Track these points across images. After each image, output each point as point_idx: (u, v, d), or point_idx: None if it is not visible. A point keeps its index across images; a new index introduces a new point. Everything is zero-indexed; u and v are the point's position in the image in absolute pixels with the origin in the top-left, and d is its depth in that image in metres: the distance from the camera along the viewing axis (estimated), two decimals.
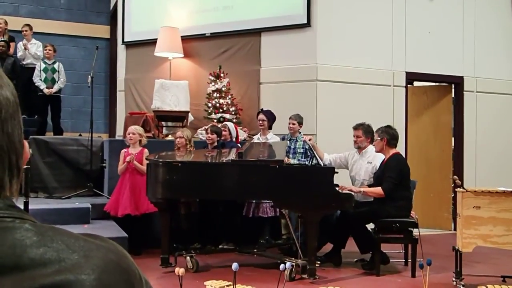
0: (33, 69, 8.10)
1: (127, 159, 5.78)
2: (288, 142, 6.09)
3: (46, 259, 0.61)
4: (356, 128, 5.72)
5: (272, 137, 6.23)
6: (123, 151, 5.94)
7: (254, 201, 5.87)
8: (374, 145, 5.46)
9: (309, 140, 5.89)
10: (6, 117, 0.66)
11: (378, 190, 5.14)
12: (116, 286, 0.64)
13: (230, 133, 6.29)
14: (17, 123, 0.68)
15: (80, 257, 0.63)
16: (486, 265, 5.43)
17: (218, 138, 6.14)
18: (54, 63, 8.04)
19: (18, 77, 8.37)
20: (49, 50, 8.04)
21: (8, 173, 0.67)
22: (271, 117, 6.27)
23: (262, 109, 6.43)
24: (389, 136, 5.30)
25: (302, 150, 6.00)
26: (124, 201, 5.73)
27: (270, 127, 6.29)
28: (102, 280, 0.62)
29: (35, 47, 8.44)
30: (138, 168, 5.77)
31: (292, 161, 5.76)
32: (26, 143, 0.72)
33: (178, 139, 6.01)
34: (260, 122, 6.26)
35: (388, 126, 5.44)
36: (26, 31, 8.53)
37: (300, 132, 6.11)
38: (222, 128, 6.30)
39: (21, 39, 8.60)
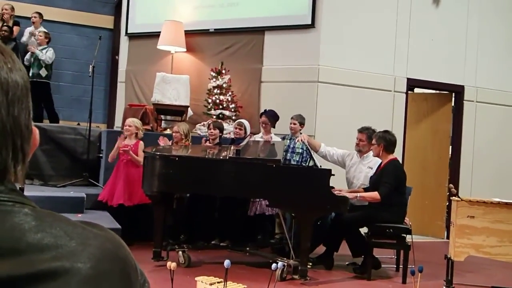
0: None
1: (123, 150, 5.79)
2: (288, 141, 6.08)
3: (44, 244, 0.61)
4: (361, 131, 5.68)
5: (273, 138, 6.18)
6: (120, 139, 5.98)
7: (259, 200, 5.86)
8: (371, 149, 5.45)
9: (304, 138, 5.87)
10: (13, 100, 0.66)
11: (375, 194, 5.13)
12: (112, 275, 0.64)
13: (245, 131, 6.26)
14: (25, 108, 0.68)
15: (77, 245, 0.63)
16: (477, 275, 5.44)
17: (221, 134, 6.14)
18: (44, 49, 7.97)
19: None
20: (40, 36, 7.99)
21: (12, 157, 0.66)
22: (273, 118, 6.22)
23: (265, 110, 6.34)
24: (386, 142, 5.28)
25: (300, 151, 5.99)
26: (118, 191, 5.75)
27: (273, 127, 6.25)
28: (98, 268, 0.62)
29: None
30: (134, 159, 5.78)
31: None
32: (36, 130, 0.72)
33: (174, 133, 6.03)
34: (263, 125, 6.22)
35: (386, 132, 5.41)
36: (35, 17, 8.50)
37: (301, 133, 6.08)
38: (238, 126, 6.27)
39: (25, 25, 8.57)
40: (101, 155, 6.87)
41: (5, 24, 8.31)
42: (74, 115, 9.30)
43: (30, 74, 7.86)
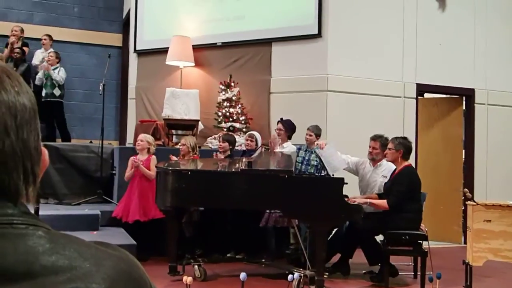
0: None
1: (134, 165, 5.83)
2: (303, 152, 6.04)
3: (58, 267, 0.61)
4: (374, 139, 5.63)
5: (288, 147, 6.14)
6: (131, 158, 5.99)
7: (272, 212, 5.83)
8: (386, 154, 5.39)
9: (321, 147, 5.76)
10: (21, 123, 0.67)
11: (384, 203, 5.10)
12: None
13: (256, 143, 6.26)
14: (34, 130, 0.69)
15: (91, 266, 0.63)
16: (497, 280, 5.36)
17: (231, 147, 6.14)
18: (55, 69, 8.08)
19: (29, 83, 8.44)
20: (51, 56, 8.10)
21: (24, 180, 0.67)
22: (289, 127, 6.19)
23: (282, 119, 6.33)
24: (405, 149, 5.25)
25: (315, 163, 5.95)
26: (133, 207, 5.77)
27: (289, 137, 6.23)
28: None
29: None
30: (145, 173, 5.81)
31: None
32: (45, 150, 0.72)
33: (181, 147, 6.06)
34: (277, 131, 6.22)
35: (405, 138, 5.37)
36: (45, 39, 8.64)
37: (317, 144, 6.03)
38: (249, 138, 6.28)
39: (36, 47, 8.70)
40: (114, 172, 6.91)
41: (17, 46, 8.43)
42: (86, 133, 9.38)
43: (44, 94, 7.99)
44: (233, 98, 7.35)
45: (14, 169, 0.66)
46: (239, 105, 7.34)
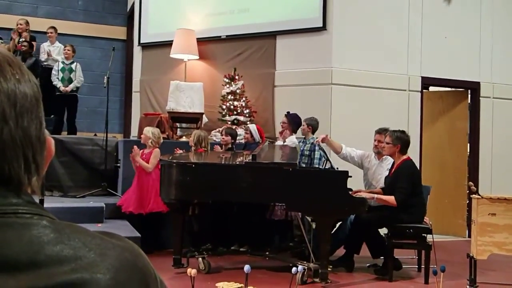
0: (52, 69, 8.22)
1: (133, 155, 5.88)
2: (301, 143, 6.07)
3: (63, 256, 0.61)
4: (379, 132, 5.61)
5: (291, 140, 6.14)
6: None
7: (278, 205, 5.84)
8: (383, 147, 5.38)
9: (322, 140, 5.74)
10: (22, 111, 0.66)
11: (392, 200, 5.09)
12: (131, 286, 0.64)
13: (252, 136, 6.30)
14: (35, 118, 0.67)
15: (96, 256, 0.63)
16: (501, 273, 5.36)
17: (233, 140, 6.15)
18: (71, 63, 8.13)
19: (38, 77, 8.46)
20: (68, 50, 8.14)
21: (25, 169, 0.66)
22: (293, 120, 6.20)
23: (288, 112, 6.34)
24: (403, 143, 5.23)
25: (307, 153, 5.95)
26: (128, 198, 5.86)
27: (294, 131, 6.23)
28: (117, 279, 0.62)
29: (57, 50, 8.51)
30: (141, 164, 5.81)
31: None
32: (51, 139, 0.71)
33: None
34: (281, 124, 6.24)
35: (403, 132, 5.34)
36: (51, 33, 8.66)
37: (314, 136, 6.04)
38: (245, 130, 6.32)
39: (42, 40, 8.71)
40: (118, 164, 6.93)
41: (24, 40, 8.43)
42: (90, 126, 9.40)
43: (60, 86, 8.04)
44: (238, 91, 7.35)
45: (13, 157, 0.65)
46: (243, 98, 7.34)
